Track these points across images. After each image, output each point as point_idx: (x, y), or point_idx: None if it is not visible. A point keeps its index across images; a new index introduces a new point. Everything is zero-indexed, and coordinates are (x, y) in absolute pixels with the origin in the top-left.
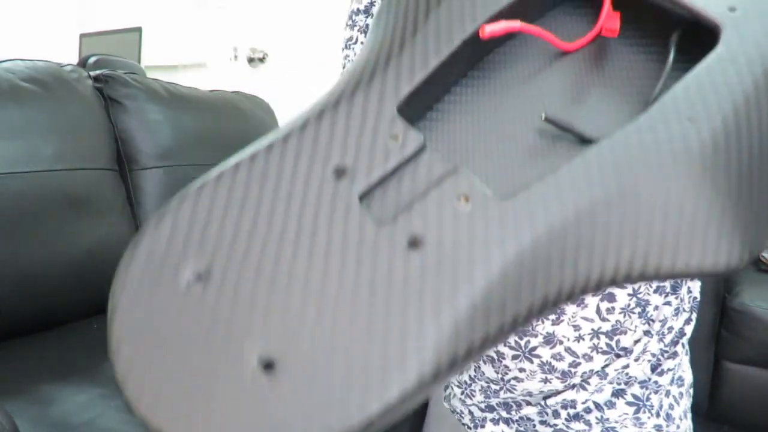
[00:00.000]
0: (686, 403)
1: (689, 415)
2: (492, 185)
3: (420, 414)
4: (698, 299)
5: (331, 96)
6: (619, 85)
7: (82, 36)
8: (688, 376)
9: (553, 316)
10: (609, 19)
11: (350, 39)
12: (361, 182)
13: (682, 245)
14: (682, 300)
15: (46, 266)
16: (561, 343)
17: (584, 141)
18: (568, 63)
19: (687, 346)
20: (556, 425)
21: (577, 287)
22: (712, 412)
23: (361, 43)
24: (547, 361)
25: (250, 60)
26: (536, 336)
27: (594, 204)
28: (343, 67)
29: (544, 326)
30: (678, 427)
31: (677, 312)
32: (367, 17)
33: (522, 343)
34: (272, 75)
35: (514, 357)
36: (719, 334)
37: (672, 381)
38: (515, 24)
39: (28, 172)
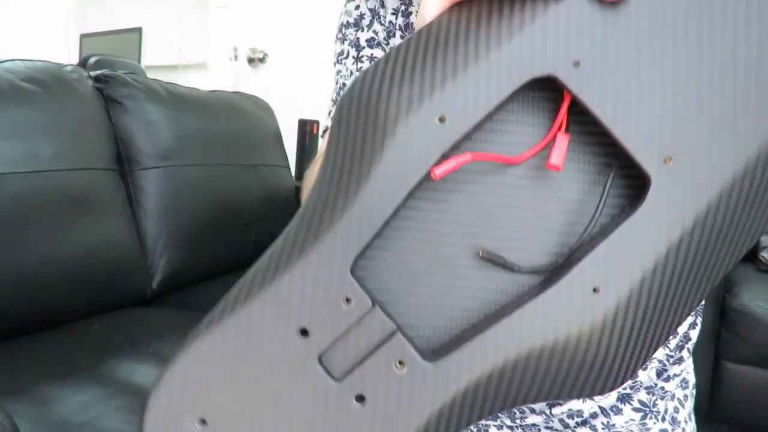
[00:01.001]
0: (690, 404)
1: (693, 416)
2: (429, 332)
3: None
4: (703, 303)
5: (290, 247)
6: (555, 211)
7: (82, 36)
8: (692, 378)
9: None
10: (555, 151)
11: (341, 53)
12: (321, 343)
13: (566, 387)
14: None
15: (46, 266)
16: None
17: (514, 271)
18: (510, 176)
19: (691, 350)
20: (560, 429)
21: (492, 412)
22: (712, 412)
23: (353, 57)
24: None
25: (250, 60)
26: None
27: (504, 366)
28: (336, 83)
29: None
30: (683, 430)
31: None
32: (357, 30)
33: None
34: (272, 75)
35: None
36: (719, 334)
37: (677, 385)
38: (466, 157)
39: (28, 172)
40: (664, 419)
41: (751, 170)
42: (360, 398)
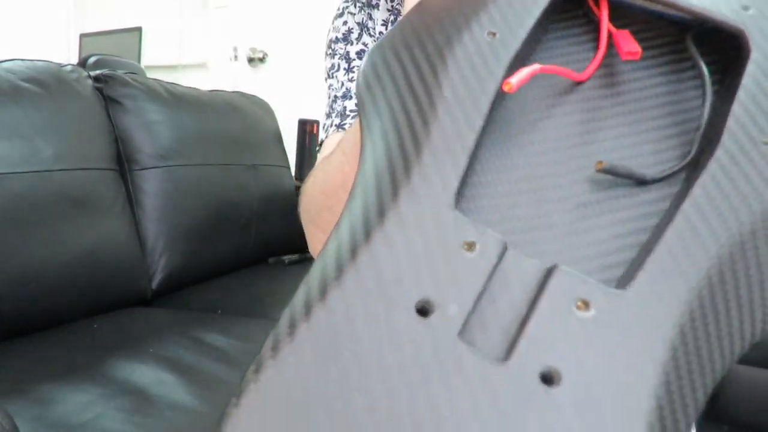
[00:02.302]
0: None
1: None
2: (583, 266)
3: None
4: None
5: (369, 204)
6: (650, 111)
7: (82, 36)
8: None
9: None
10: (623, 42)
11: (332, 67)
12: (455, 316)
13: None
14: None
15: (46, 266)
16: None
17: (642, 183)
18: (582, 96)
19: None
20: None
21: (734, 355)
22: (712, 412)
23: (344, 69)
24: None
25: (250, 60)
26: None
27: (721, 263)
28: (328, 98)
29: None
30: None
31: None
32: (346, 45)
33: None
34: (272, 75)
35: None
36: None
37: None
38: (536, 67)
39: (28, 172)
40: None
41: None
42: (548, 378)
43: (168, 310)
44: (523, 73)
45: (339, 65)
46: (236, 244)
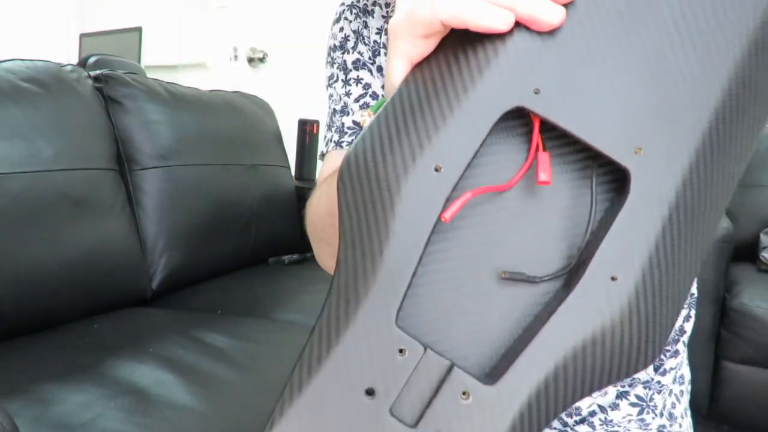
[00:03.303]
0: (686, 400)
1: (689, 411)
2: (480, 359)
3: None
4: (696, 296)
5: (336, 319)
6: (554, 220)
7: (82, 36)
8: (688, 373)
9: None
10: (541, 169)
11: (331, 77)
12: (389, 397)
13: (613, 371)
14: None
15: (46, 266)
16: None
17: (536, 282)
18: (504, 204)
19: (686, 343)
20: (559, 428)
21: (556, 415)
22: (712, 412)
23: (342, 81)
24: None
25: (250, 60)
26: None
27: (556, 369)
28: (329, 108)
29: None
30: (680, 425)
31: None
32: (343, 53)
33: None
34: (272, 75)
35: None
36: (719, 334)
37: (674, 380)
38: (467, 196)
39: (28, 172)
40: (662, 414)
41: (707, 139)
42: None
43: (168, 310)
44: (456, 206)
45: (337, 76)
46: (236, 244)
